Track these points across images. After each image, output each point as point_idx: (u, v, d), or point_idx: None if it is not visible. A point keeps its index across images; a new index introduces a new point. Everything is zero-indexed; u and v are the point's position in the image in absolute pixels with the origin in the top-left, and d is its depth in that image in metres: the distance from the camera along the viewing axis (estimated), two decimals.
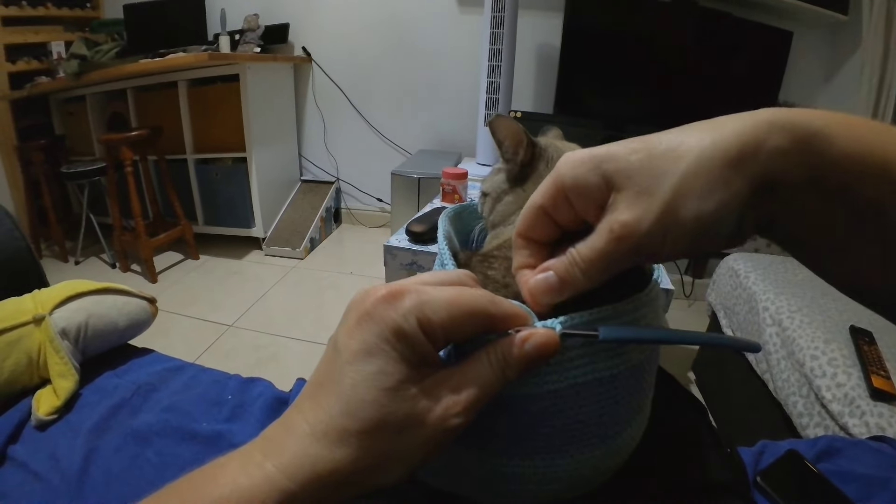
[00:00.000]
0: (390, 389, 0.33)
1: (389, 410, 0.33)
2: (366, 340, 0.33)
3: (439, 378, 0.35)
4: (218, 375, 0.94)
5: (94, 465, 0.71)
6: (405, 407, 0.33)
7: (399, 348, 0.33)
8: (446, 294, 0.35)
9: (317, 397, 0.35)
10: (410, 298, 0.34)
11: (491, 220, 0.64)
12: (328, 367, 0.35)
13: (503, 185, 0.64)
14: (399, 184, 3.04)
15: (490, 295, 0.37)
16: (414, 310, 0.33)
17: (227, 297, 3.08)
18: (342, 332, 0.35)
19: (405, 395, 0.33)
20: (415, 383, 0.34)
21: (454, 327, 0.34)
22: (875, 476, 0.68)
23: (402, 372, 0.33)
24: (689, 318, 3.01)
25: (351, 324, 0.35)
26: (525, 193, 0.60)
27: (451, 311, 0.34)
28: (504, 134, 0.61)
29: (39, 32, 3.71)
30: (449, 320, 0.34)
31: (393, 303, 0.34)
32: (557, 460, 0.43)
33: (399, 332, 0.33)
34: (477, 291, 0.37)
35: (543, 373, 0.40)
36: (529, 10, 3.16)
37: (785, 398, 1.52)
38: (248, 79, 3.29)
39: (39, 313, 0.86)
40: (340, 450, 0.32)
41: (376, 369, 0.33)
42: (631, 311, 0.42)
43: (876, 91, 2.66)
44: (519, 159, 0.62)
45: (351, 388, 0.33)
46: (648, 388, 0.50)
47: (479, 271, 0.51)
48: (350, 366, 0.34)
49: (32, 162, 3.44)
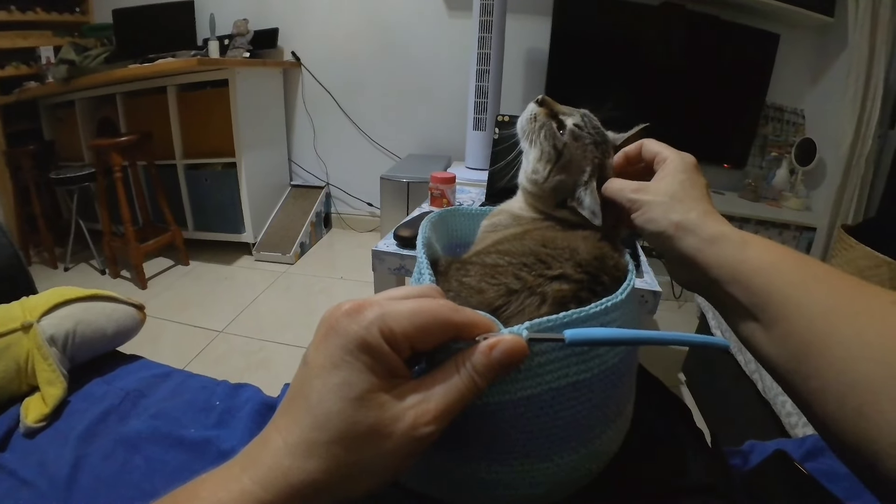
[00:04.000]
0: (356, 399, 0.33)
1: (356, 420, 0.33)
2: (331, 354, 0.34)
3: (408, 388, 0.36)
4: (206, 381, 0.94)
5: (83, 472, 0.71)
6: (372, 416, 0.34)
7: (363, 359, 0.34)
8: (408, 305, 0.36)
9: (289, 411, 0.36)
10: (372, 311, 0.35)
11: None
12: (299, 382, 0.36)
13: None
14: (388, 188, 3.04)
15: (452, 304, 0.38)
16: (376, 321, 0.34)
17: (218, 302, 3.07)
18: (310, 348, 0.36)
19: (372, 405, 0.34)
20: (382, 393, 0.34)
21: (418, 336, 0.35)
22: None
23: (369, 382, 0.34)
24: (678, 319, 3.03)
25: (318, 339, 0.36)
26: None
27: (413, 320, 0.35)
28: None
29: (28, 37, 3.70)
30: (412, 329, 0.35)
31: (355, 316, 0.35)
32: (536, 465, 0.43)
33: (362, 344, 0.34)
34: (439, 301, 0.38)
35: (516, 379, 0.40)
36: (518, 13, 3.17)
37: (773, 398, 1.53)
38: (237, 84, 3.28)
39: (27, 320, 0.86)
40: (312, 461, 0.33)
41: (341, 380, 0.34)
42: (600, 314, 0.43)
43: (862, 91, 2.69)
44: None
45: (318, 401, 0.34)
46: (628, 391, 0.50)
47: (456, 279, 0.52)
48: (317, 379, 0.34)
49: (21, 168, 3.43)
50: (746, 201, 3.26)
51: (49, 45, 3.68)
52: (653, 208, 0.55)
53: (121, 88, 3.53)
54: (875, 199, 2.91)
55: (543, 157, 0.63)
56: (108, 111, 3.71)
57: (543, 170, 0.63)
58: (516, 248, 0.53)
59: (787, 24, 3.01)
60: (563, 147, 0.63)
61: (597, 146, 0.63)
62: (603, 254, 0.53)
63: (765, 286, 0.46)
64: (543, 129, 0.64)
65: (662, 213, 0.54)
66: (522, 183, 0.67)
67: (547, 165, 0.63)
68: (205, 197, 3.65)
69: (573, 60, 3.08)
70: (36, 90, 3.60)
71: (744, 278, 0.48)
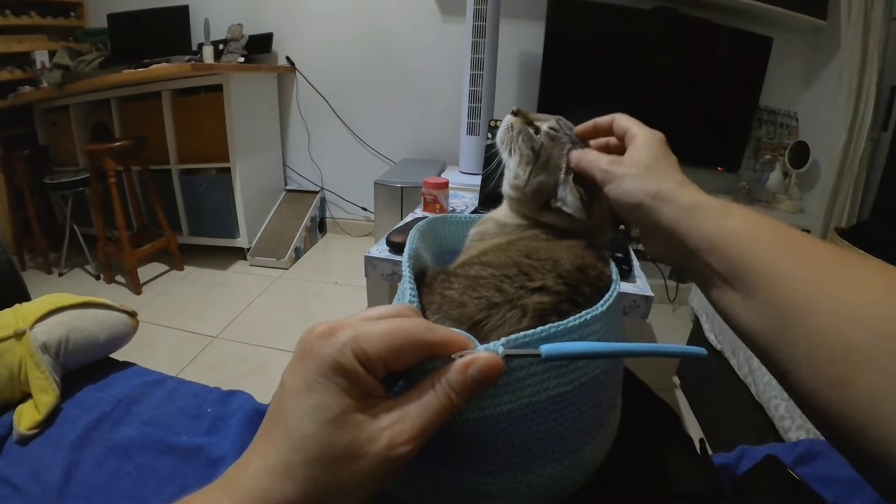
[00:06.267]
0: (331, 421, 0.34)
1: (332, 441, 0.33)
2: (305, 377, 0.35)
3: (384, 408, 0.36)
4: (198, 388, 0.94)
5: (75, 478, 0.72)
6: (347, 437, 0.34)
7: (338, 381, 0.34)
8: (381, 326, 0.36)
9: (267, 434, 0.36)
10: (345, 333, 0.35)
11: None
12: (276, 404, 0.36)
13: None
14: (382, 193, 3.04)
15: (427, 323, 0.38)
16: (349, 343, 0.35)
17: (212, 307, 3.06)
18: (286, 371, 0.37)
19: (347, 426, 0.34)
20: (358, 414, 0.35)
21: (391, 357, 0.35)
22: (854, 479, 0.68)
23: (344, 403, 0.34)
24: (672, 324, 3.03)
25: (293, 362, 0.37)
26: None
27: (386, 341, 0.35)
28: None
29: (23, 41, 3.69)
30: (385, 350, 0.35)
31: (329, 339, 0.35)
32: (520, 476, 0.43)
33: (336, 366, 0.34)
34: (413, 321, 0.38)
35: (495, 394, 0.40)
36: (511, 18, 3.17)
37: (767, 401, 1.54)
38: (231, 89, 3.29)
39: (20, 328, 0.86)
40: (289, 483, 0.33)
41: (316, 403, 0.34)
42: (579, 327, 0.43)
43: (855, 94, 2.70)
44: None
45: (295, 423, 0.34)
46: (611, 401, 0.51)
47: (439, 291, 0.52)
48: (293, 402, 0.35)
49: (15, 172, 3.42)
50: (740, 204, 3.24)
51: (44, 49, 3.67)
52: (627, 180, 0.55)
53: (115, 93, 3.53)
54: (868, 202, 2.92)
55: (523, 161, 0.64)
56: (103, 116, 3.71)
57: (524, 173, 0.64)
58: (500, 259, 0.54)
59: (780, 28, 3.02)
60: (539, 147, 0.64)
61: (573, 145, 0.64)
62: (586, 264, 0.53)
63: (745, 254, 0.46)
64: (521, 135, 0.66)
65: (638, 184, 0.54)
66: (506, 191, 0.68)
67: (527, 168, 0.64)
68: (199, 202, 3.64)
69: (567, 65, 3.09)
70: (30, 95, 3.60)
71: (723, 247, 0.48)
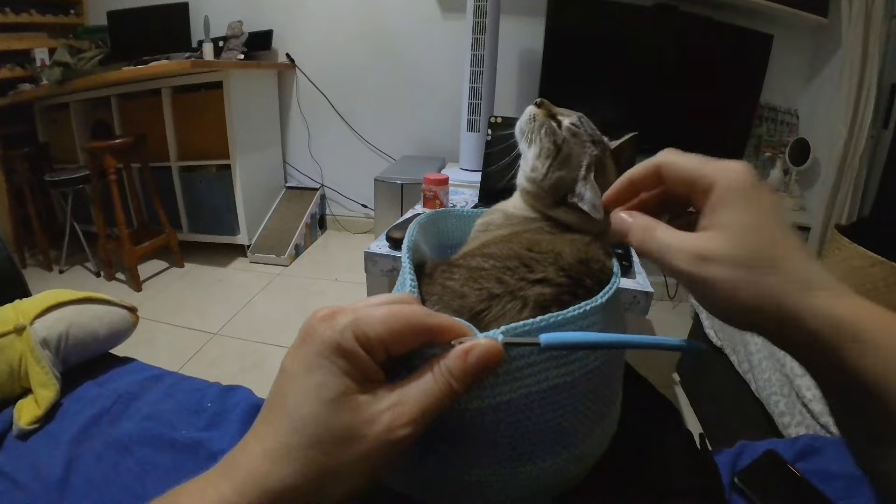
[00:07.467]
0: (331, 401, 0.34)
1: (331, 422, 0.34)
2: (306, 359, 0.35)
3: (384, 391, 0.36)
4: (198, 383, 0.94)
5: (75, 473, 0.72)
6: (347, 418, 0.34)
7: (339, 363, 0.34)
8: (381, 310, 0.36)
9: (267, 418, 0.36)
10: (346, 316, 0.35)
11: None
12: (277, 388, 0.36)
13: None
14: (382, 190, 3.03)
15: (426, 309, 0.38)
16: (350, 326, 0.35)
17: (212, 304, 3.07)
18: (287, 356, 0.37)
19: (347, 407, 0.34)
20: (358, 395, 0.35)
21: (392, 340, 0.36)
22: (854, 474, 0.68)
23: (344, 385, 0.34)
24: (673, 320, 3.03)
25: (295, 346, 0.36)
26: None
27: (386, 324, 0.35)
28: None
29: (23, 39, 3.69)
30: (386, 333, 0.35)
31: (330, 321, 0.35)
32: (519, 468, 0.43)
33: (337, 348, 0.34)
34: (413, 307, 0.38)
35: (495, 383, 0.40)
36: (511, 15, 3.17)
37: (767, 398, 1.54)
38: (231, 86, 3.28)
39: (20, 323, 0.86)
40: (288, 466, 0.33)
41: (316, 383, 0.34)
42: (578, 318, 0.43)
43: (856, 91, 2.69)
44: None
45: (295, 405, 0.34)
46: (613, 394, 0.50)
47: (440, 282, 0.52)
48: (293, 384, 0.35)
49: (16, 170, 3.43)
50: None
51: (43, 47, 3.66)
52: (733, 287, 0.38)
53: (115, 90, 3.53)
54: (869, 199, 2.91)
55: (542, 154, 0.64)
56: (103, 113, 3.71)
57: (542, 167, 0.63)
58: (502, 251, 0.53)
59: (781, 25, 3.01)
60: (562, 142, 0.63)
61: (594, 144, 0.63)
62: (588, 257, 0.53)
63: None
64: (543, 128, 0.65)
65: (752, 292, 0.37)
66: (521, 183, 0.67)
67: (546, 161, 0.63)
68: (199, 199, 3.64)
69: (567, 61, 3.08)
70: (30, 92, 3.60)
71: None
